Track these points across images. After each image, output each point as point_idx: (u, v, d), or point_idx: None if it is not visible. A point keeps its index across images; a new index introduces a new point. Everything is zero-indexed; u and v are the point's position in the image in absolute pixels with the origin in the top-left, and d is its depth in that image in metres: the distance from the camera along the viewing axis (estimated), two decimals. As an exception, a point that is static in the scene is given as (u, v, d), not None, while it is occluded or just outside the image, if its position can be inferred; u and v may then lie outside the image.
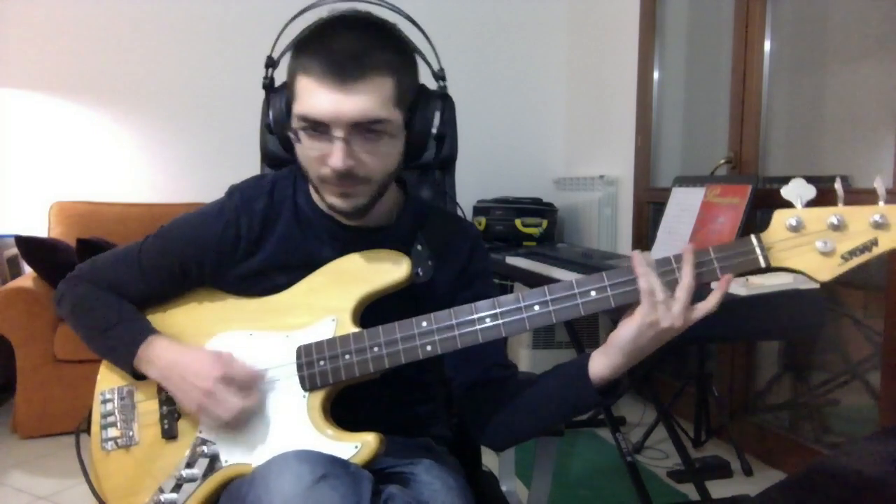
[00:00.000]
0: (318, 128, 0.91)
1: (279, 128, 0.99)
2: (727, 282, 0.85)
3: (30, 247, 2.74)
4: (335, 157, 0.90)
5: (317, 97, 0.89)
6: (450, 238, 1.10)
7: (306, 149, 0.94)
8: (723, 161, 2.63)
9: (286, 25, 1.03)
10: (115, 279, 1.10)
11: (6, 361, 2.72)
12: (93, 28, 3.30)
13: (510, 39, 3.87)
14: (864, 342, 2.27)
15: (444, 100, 1.02)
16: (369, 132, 0.91)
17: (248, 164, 1.57)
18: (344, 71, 0.88)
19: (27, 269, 2.92)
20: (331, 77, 0.88)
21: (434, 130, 1.00)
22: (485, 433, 1.05)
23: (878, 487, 1.06)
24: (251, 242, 1.06)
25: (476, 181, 3.59)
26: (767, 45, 2.55)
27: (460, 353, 0.93)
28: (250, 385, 0.97)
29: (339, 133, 0.90)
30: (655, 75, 3.22)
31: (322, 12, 0.98)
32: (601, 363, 0.91)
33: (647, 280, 0.85)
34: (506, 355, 1.10)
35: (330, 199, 0.97)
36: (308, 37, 0.93)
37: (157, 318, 1.09)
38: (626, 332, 0.87)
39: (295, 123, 0.93)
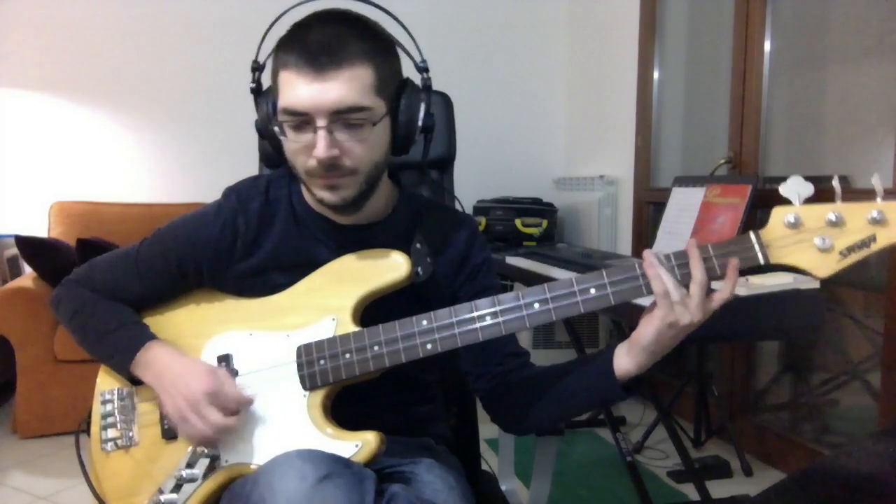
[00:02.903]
0: (301, 119, 0.92)
1: (267, 129, 1.00)
2: (734, 267, 0.85)
3: (30, 247, 2.74)
4: (319, 146, 0.92)
5: (296, 89, 0.91)
6: (447, 232, 1.11)
7: (291, 143, 0.95)
8: (723, 161, 2.63)
9: (269, 28, 1.04)
10: (112, 282, 1.10)
11: (6, 361, 2.72)
12: (93, 28, 3.30)
13: (510, 39, 3.87)
14: (864, 342, 2.27)
15: (428, 91, 1.03)
16: (351, 121, 0.93)
17: (247, 164, 1.57)
18: (319, 61, 0.90)
19: (27, 269, 2.92)
20: (308, 67, 0.90)
21: (420, 122, 1.01)
22: (509, 421, 1.11)
23: (877, 487, 1.06)
24: (248, 243, 1.06)
25: (476, 181, 3.58)
26: (767, 45, 2.55)
27: (476, 348, 0.94)
28: (236, 407, 0.97)
29: (321, 122, 0.91)
30: (655, 75, 3.22)
31: (304, 14, 0.99)
32: (626, 362, 0.93)
33: (661, 282, 0.86)
34: (517, 343, 1.12)
35: (319, 194, 0.98)
36: (286, 35, 0.95)
37: (156, 320, 1.09)
38: (648, 333, 0.88)
39: (280, 118, 0.94)
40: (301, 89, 0.91)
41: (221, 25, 3.45)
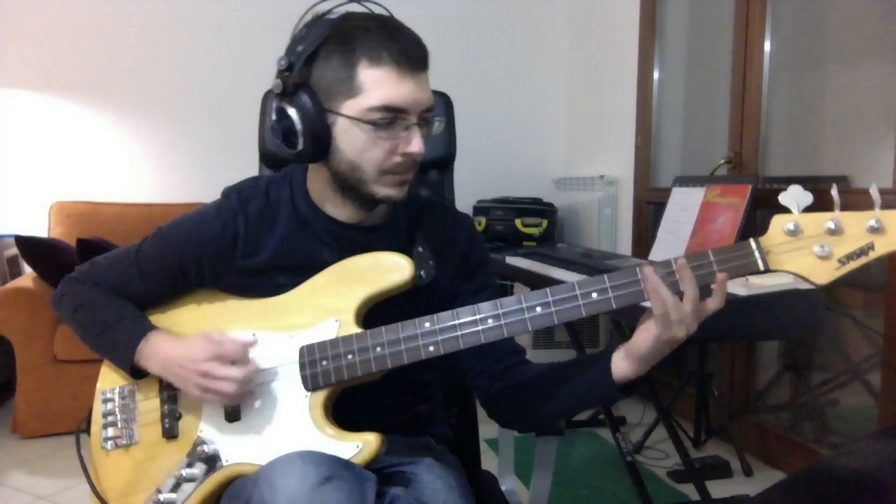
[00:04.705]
0: (393, 116, 0.95)
1: (315, 125, 0.97)
2: (722, 282, 0.86)
3: (30, 247, 2.74)
4: (415, 142, 0.97)
5: (399, 86, 0.94)
6: (447, 232, 1.12)
7: (377, 140, 0.96)
8: (723, 161, 2.63)
9: (298, 25, 1.01)
10: (114, 280, 1.11)
11: (6, 361, 2.72)
12: (93, 28, 3.30)
13: (510, 39, 3.87)
14: (864, 342, 2.27)
15: None
16: (426, 119, 0.99)
17: (247, 165, 1.57)
18: (417, 61, 0.96)
19: (27, 269, 2.93)
20: (409, 66, 0.95)
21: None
22: (507, 418, 1.14)
23: (877, 487, 1.06)
24: (249, 243, 1.06)
25: (476, 181, 3.59)
26: (767, 45, 2.55)
27: (474, 346, 0.95)
28: (244, 355, 0.99)
29: (414, 119, 0.97)
30: (655, 75, 3.22)
31: (329, 13, 0.99)
32: (623, 367, 0.94)
33: (661, 303, 0.86)
34: (515, 340, 1.12)
35: (384, 191, 1.00)
36: (361, 31, 0.95)
37: (158, 319, 1.10)
38: (645, 346, 0.90)
39: (372, 115, 0.94)
40: (404, 87, 0.95)
41: (221, 26, 3.45)
